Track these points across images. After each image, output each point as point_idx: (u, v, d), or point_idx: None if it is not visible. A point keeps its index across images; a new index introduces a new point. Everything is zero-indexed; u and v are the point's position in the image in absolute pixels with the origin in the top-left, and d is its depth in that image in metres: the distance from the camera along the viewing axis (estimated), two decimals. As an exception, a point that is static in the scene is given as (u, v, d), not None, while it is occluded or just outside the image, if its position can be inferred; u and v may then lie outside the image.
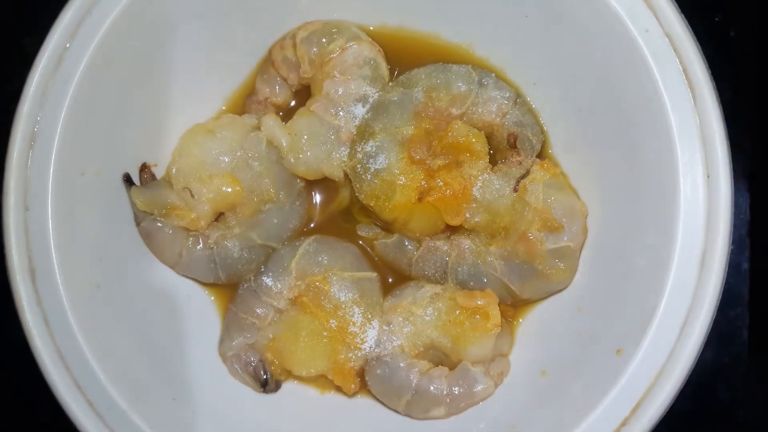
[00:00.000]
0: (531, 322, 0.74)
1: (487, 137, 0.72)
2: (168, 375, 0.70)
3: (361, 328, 0.72)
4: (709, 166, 0.61)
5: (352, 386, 0.71)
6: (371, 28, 0.78)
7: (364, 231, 0.76)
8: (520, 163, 0.72)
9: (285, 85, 0.77)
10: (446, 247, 0.73)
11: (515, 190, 0.70)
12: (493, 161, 0.73)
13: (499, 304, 0.71)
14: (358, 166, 0.71)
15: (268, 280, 0.73)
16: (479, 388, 0.70)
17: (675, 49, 0.62)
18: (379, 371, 0.71)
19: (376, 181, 0.71)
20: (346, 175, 0.73)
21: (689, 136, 0.62)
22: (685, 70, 0.62)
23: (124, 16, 0.67)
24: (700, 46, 0.62)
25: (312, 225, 0.78)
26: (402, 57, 0.78)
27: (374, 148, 0.71)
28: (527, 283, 0.71)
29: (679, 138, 0.62)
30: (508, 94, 0.73)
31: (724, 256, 0.60)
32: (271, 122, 0.74)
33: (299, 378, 0.74)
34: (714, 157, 0.61)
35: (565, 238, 0.69)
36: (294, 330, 0.72)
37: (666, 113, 0.62)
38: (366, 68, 0.73)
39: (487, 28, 0.75)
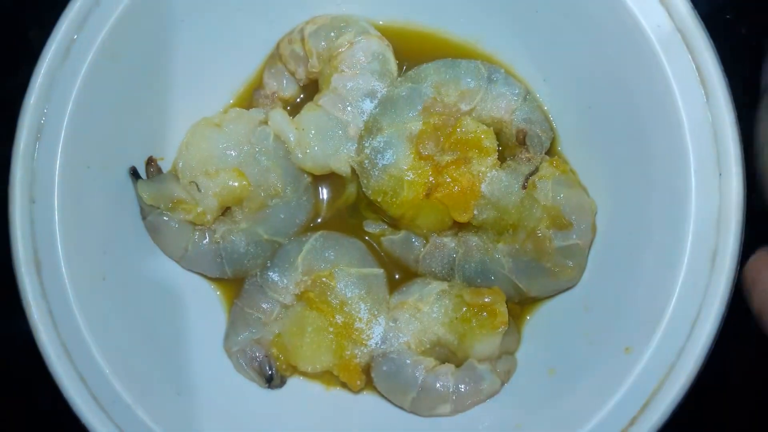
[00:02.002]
0: (538, 319, 0.73)
1: (496, 133, 0.72)
2: (173, 370, 0.70)
3: (367, 325, 0.72)
4: (721, 164, 0.60)
5: (358, 382, 0.71)
6: (380, 22, 0.77)
7: (370, 227, 0.76)
8: (530, 159, 0.71)
9: (293, 80, 0.77)
10: (453, 244, 0.73)
11: (524, 187, 0.70)
12: (501, 158, 0.72)
13: (506, 302, 0.70)
14: (366, 161, 0.71)
15: (274, 276, 0.73)
16: (486, 385, 0.69)
17: (687, 46, 0.62)
18: (385, 368, 0.71)
19: (383, 176, 0.70)
20: (353, 170, 0.73)
21: (701, 134, 0.61)
22: (697, 67, 0.61)
23: (133, 7, 0.67)
24: (712, 43, 0.62)
25: (319, 220, 0.77)
26: (410, 52, 0.77)
27: (382, 144, 0.71)
28: (535, 281, 0.70)
29: (690, 135, 0.61)
30: (517, 90, 0.73)
31: (736, 255, 0.59)
32: (279, 117, 0.73)
33: (304, 374, 0.73)
34: (726, 155, 0.60)
35: (574, 236, 0.69)
36: (300, 325, 0.71)
37: (678, 110, 0.62)
38: (374, 63, 0.73)
39: (497, 23, 0.75)
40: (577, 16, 0.68)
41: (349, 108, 0.72)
